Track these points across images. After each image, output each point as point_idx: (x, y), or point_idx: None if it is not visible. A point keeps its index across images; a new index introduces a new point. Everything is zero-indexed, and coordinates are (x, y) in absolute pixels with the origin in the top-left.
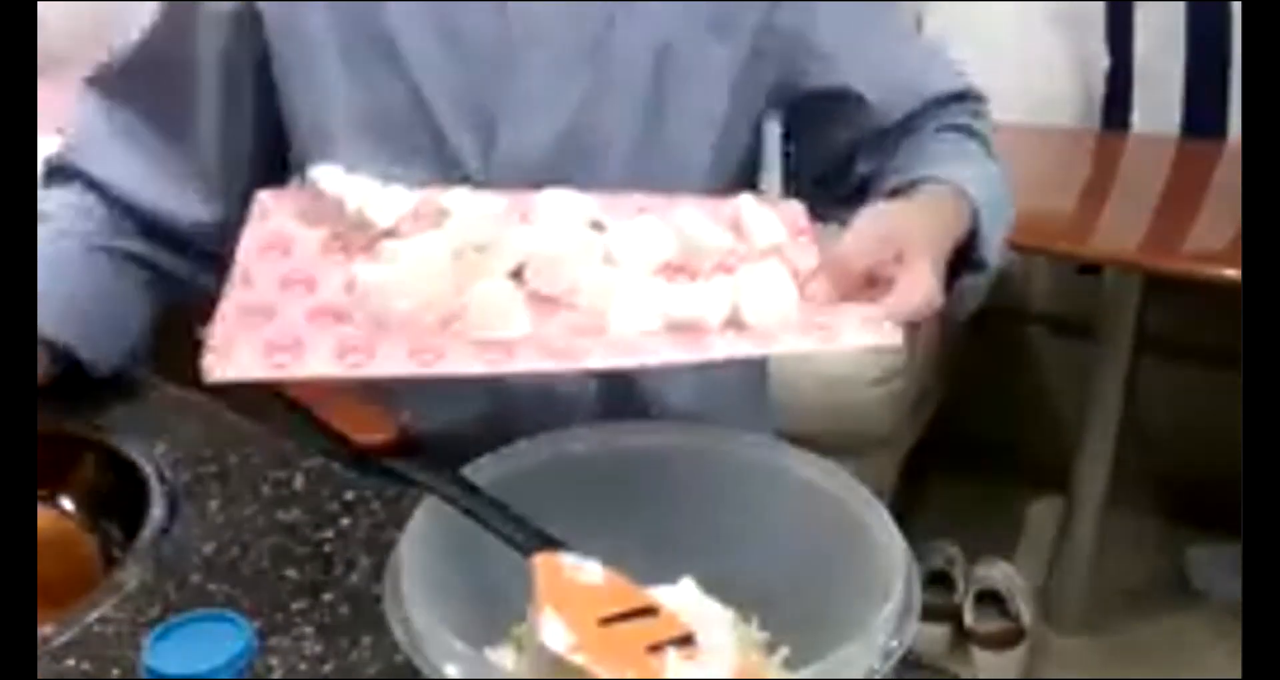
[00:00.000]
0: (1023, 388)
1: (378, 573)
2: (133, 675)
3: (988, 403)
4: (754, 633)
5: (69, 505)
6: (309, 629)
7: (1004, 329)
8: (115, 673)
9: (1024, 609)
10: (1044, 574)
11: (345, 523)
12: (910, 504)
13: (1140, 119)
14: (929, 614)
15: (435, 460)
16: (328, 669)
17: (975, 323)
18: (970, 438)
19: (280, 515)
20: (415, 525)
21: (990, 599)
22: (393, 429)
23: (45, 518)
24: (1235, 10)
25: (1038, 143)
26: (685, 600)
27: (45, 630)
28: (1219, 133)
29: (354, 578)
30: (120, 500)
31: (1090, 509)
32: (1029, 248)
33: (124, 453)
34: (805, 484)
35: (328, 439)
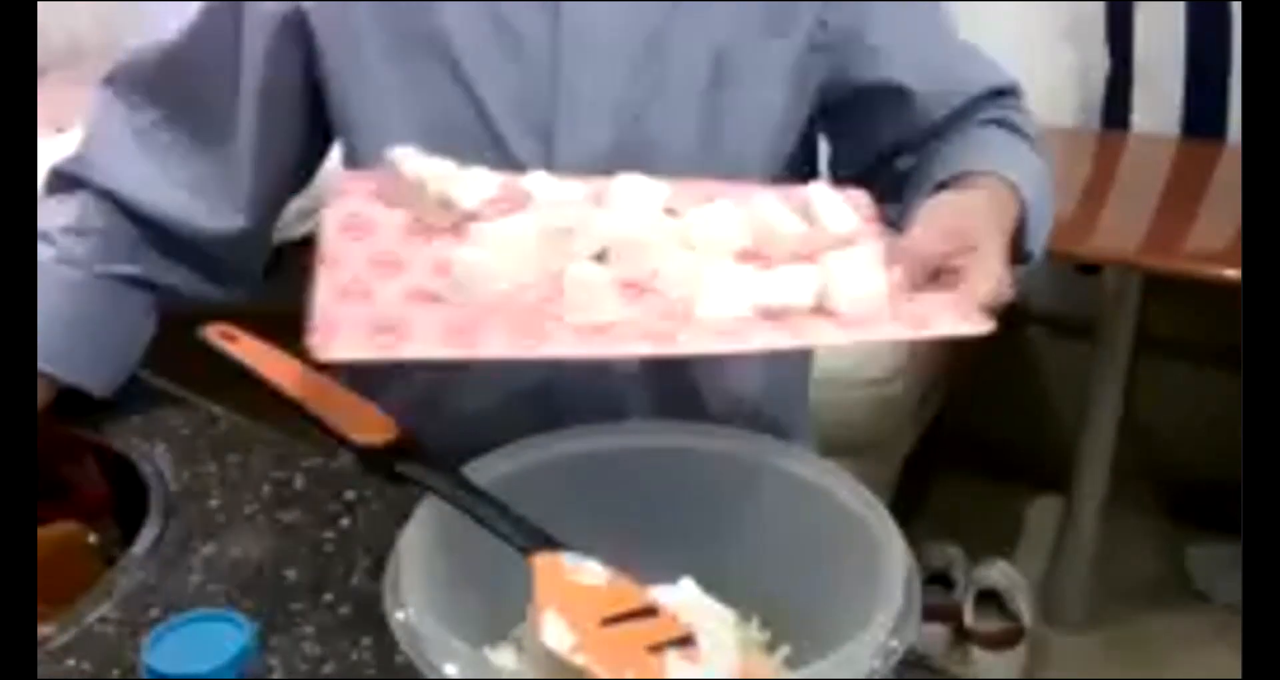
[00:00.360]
0: (1023, 388)
1: (378, 573)
2: (133, 675)
3: (988, 403)
4: (754, 633)
5: (69, 505)
6: (309, 629)
7: (1004, 329)
8: (115, 673)
9: (1024, 609)
10: (1044, 574)
11: (345, 523)
12: (910, 504)
13: (1140, 119)
14: (929, 614)
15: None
16: (328, 669)
17: None
18: (970, 438)
19: (280, 515)
20: (415, 525)
21: (990, 599)
22: (393, 429)
23: (45, 518)
24: (1235, 10)
25: None
26: (685, 600)
27: (45, 630)
28: (1219, 133)
29: (354, 578)
30: (120, 500)
31: (1090, 509)
32: None
33: (124, 453)
34: (805, 484)
35: (328, 439)
